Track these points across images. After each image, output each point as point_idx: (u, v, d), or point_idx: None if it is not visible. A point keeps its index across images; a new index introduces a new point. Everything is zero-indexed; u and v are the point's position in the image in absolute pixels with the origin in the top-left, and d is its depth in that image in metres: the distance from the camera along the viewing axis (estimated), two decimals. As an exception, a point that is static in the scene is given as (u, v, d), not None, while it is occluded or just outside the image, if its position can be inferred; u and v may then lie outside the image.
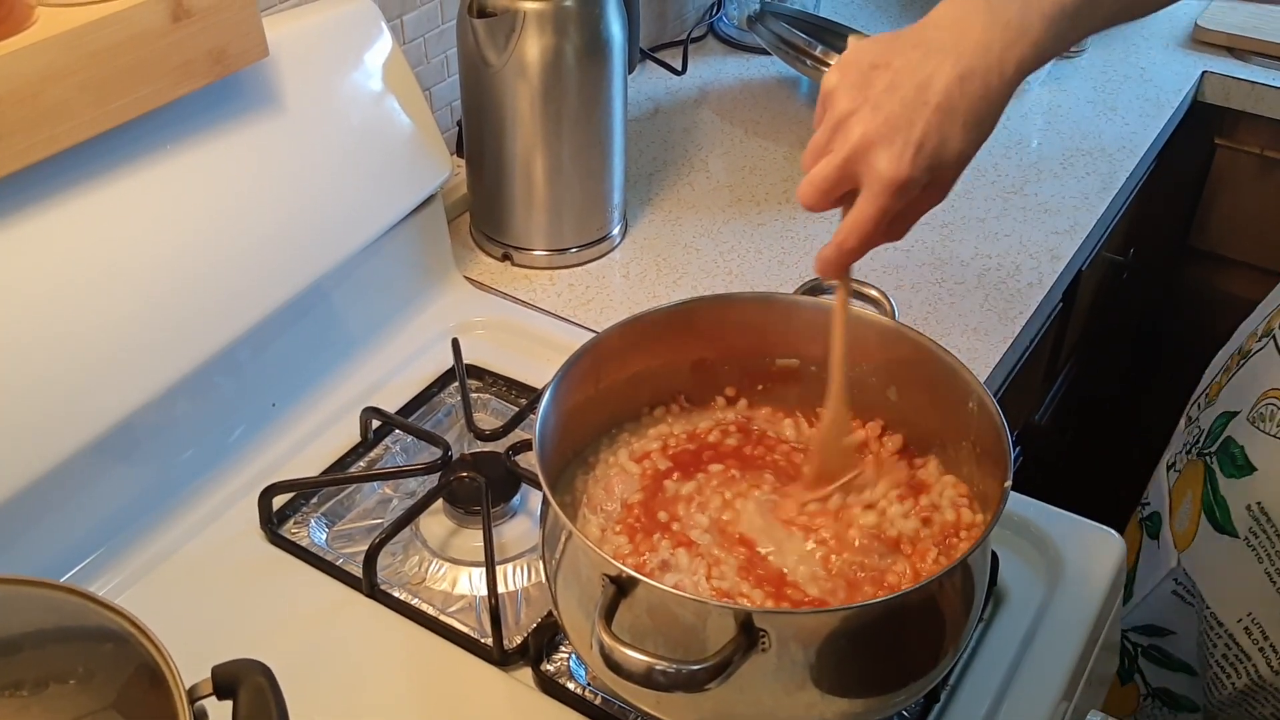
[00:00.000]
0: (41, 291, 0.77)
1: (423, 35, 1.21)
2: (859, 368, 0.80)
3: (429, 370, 1.01)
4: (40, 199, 0.78)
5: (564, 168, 1.11)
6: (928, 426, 0.79)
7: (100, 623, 0.58)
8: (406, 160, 1.03)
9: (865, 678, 0.66)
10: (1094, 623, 0.82)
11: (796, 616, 0.65)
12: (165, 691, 0.55)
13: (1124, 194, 1.34)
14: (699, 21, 1.62)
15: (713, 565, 0.71)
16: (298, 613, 0.81)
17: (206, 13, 0.81)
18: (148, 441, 0.85)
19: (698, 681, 0.58)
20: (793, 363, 0.82)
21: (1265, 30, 1.58)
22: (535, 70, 1.05)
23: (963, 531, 0.74)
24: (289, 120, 0.93)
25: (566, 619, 0.70)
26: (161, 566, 0.84)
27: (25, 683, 0.62)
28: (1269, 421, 0.86)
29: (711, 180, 1.30)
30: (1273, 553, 0.89)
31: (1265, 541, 0.90)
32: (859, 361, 0.80)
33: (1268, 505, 0.88)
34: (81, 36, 0.74)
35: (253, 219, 0.89)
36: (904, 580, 0.70)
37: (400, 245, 1.05)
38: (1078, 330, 1.51)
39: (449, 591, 0.84)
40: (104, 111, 0.77)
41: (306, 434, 0.95)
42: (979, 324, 1.09)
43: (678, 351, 0.81)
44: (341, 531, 0.89)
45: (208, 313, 0.86)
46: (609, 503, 0.77)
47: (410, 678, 0.77)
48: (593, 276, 1.15)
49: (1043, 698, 0.77)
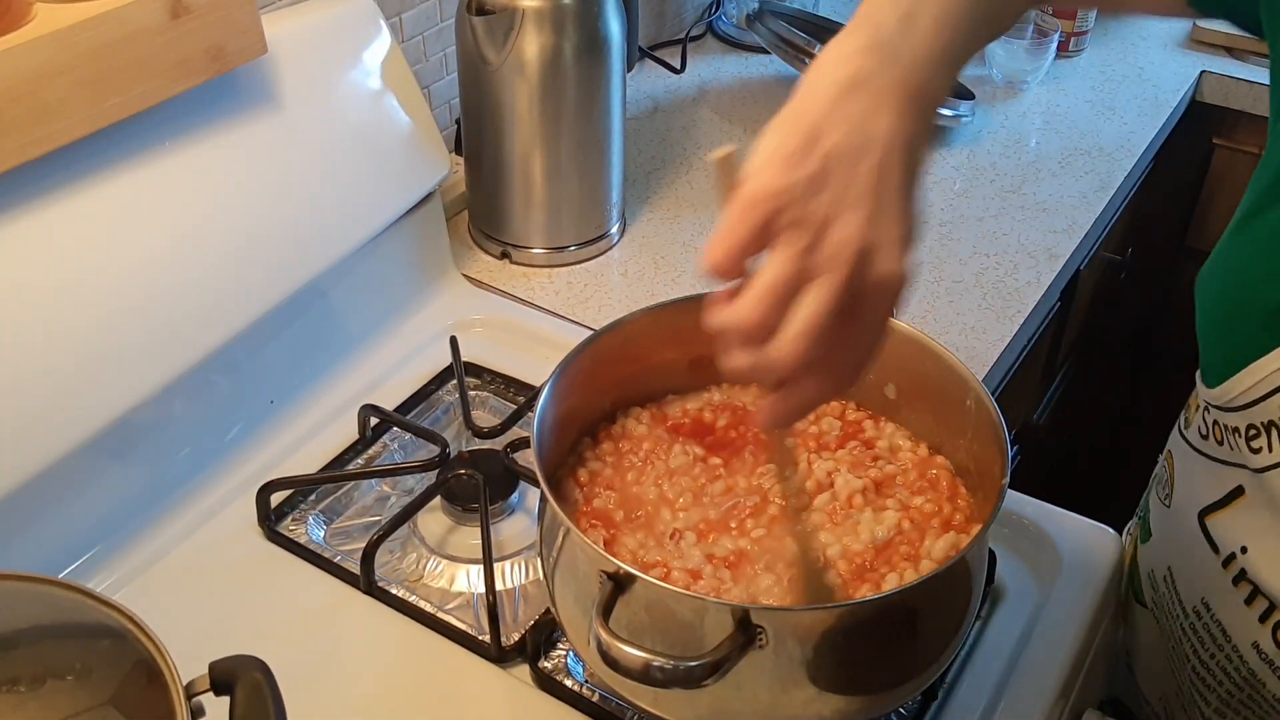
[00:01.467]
0: (38, 289, 0.77)
1: (421, 33, 1.21)
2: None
3: (427, 368, 1.01)
4: (37, 196, 0.78)
5: (562, 166, 1.11)
6: (925, 425, 0.79)
7: (98, 619, 0.58)
8: (405, 158, 1.03)
9: (863, 675, 0.66)
10: (1091, 621, 0.83)
11: (794, 613, 0.64)
12: (162, 687, 0.55)
13: (1122, 194, 1.35)
14: (698, 20, 1.62)
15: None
16: (295, 610, 0.81)
17: (204, 10, 0.81)
18: (145, 439, 0.85)
19: (695, 678, 0.58)
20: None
21: (1263, 30, 1.58)
22: (534, 68, 1.05)
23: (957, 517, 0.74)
24: (287, 118, 0.93)
25: (564, 616, 0.70)
26: (159, 563, 0.84)
27: (23, 679, 0.62)
28: (1161, 487, 0.82)
29: (710, 179, 1.30)
30: (1166, 629, 0.83)
31: (1160, 614, 0.84)
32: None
33: (1156, 574, 0.83)
34: (79, 33, 0.74)
35: (251, 216, 0.89)
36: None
37: (398, 243, 1.04)
38: (1075, 330, 1.51)
39: (447, 589, 0.84)
40: (101, 109, 0.77)
41: (304, 431, 0.95)
42: (977, 323, 1.09)
43: (676, 349, 0.81)
44: (339, 529, 0.89)
45: (205, 310, 0.86)
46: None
47: (408, 675, 0.77)
48: (591, 274, 1.15)
49: (1040, 696, 0.77)
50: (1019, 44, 1.48)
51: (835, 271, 0.51)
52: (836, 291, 0.52)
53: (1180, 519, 0.78)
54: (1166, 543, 0.82)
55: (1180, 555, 0.80)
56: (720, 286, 0.55)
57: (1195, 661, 0.80)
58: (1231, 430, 0.71)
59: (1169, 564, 0.82)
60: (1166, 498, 0.82)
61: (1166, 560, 0.82)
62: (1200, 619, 0.78)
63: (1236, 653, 0.76)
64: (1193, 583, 0.78)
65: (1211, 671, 0.78)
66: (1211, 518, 0.75)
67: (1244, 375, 0.68)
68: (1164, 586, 0.82)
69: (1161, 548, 0.83)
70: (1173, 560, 0.81)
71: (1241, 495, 0.72)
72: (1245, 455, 0.70)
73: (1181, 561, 0.80)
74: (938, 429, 0.78)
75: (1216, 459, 0.74)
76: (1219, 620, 0.76)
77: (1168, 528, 0.82)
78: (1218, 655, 0.77)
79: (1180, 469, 0.80)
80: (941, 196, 1.28)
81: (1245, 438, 0.69)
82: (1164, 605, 0.83)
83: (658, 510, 0.74)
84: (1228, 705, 0.79)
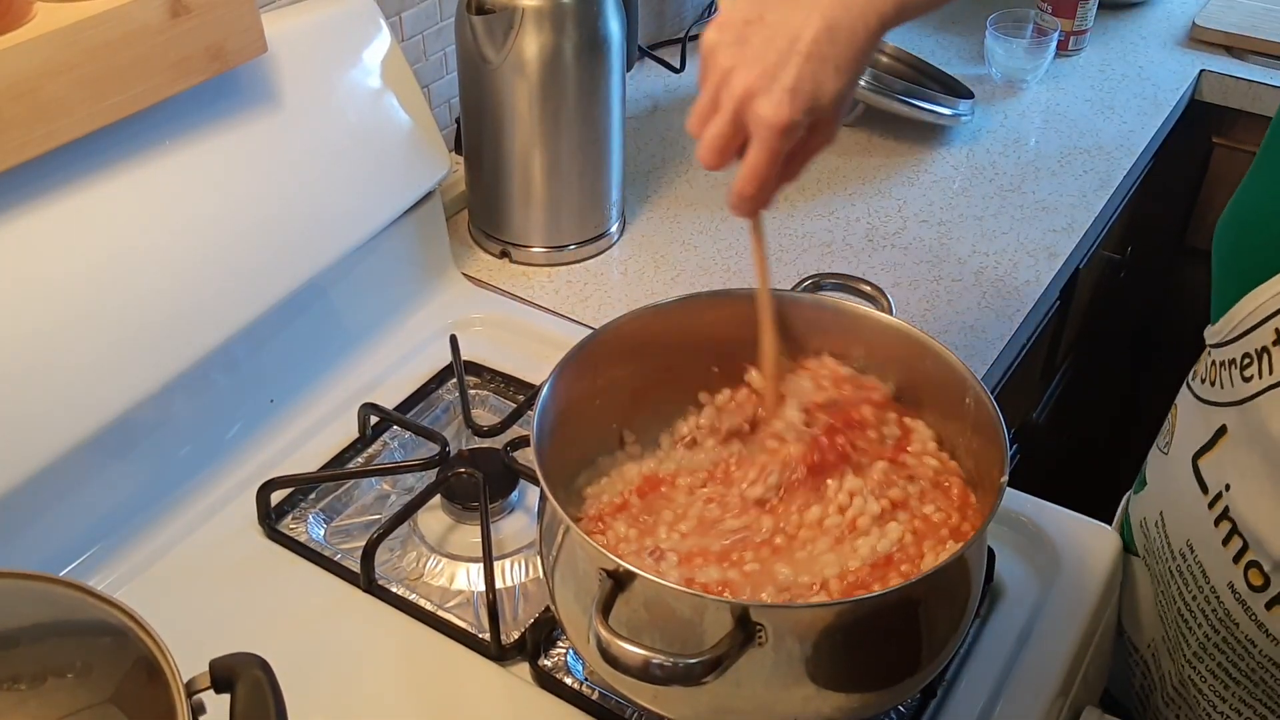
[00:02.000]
0: (39, 288, 0.77)
1: (421, 32, 1.22)
2: (857, 363, 0.80)
3: (427, 367, 1.01)
4: (37, 195, 0.78)
5: (562, 165, 1.11)
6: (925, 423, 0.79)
7: (98, 617, 0.58)
8: (405, 157, 1.03)
9: (862, 672, 0.66)
10: (1090, 618, 0.83)
11: (793, 611, 0.64)
12: (163, 685, 0.55)
13: (1121, 192, 1.35)
14: (698, 19, 1.62)
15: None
16: (295, 608, 0.81)
17: (205, 9, 0.81)
18: (146, 437, 0.85)
19: (694, 675, 0.58)
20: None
21: (1263, 29, 1.58)
22: (534, 67, 1.05)
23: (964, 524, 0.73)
24: (287, 117, 0.93)
25: (564, 614, 0.70)
26: (160, 562, 0.84)
27: (23, 677, 0.62)
28: (1162, 437, 0.86)
29: (709, 178, 1.30)
30: (1156, 573, 0.86)
31: (1151, 560, 0.87)
32: (857, 357, 0.80)
33: (1148, 521, 0.86)
34: (79, 32, 0.74)
35: (250, 215, 0.90)
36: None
37: (398, 242, 1.05)
38: (1075, 329, 1.51)
39: (446, 587, 0.84)
40: (101, 107, 0.77)
41: (304, 430, 0.95)
42: (976, 321, 1.09)
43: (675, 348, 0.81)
44: (339, 527, 0.89)
45: (205, 309, 0.86)
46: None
47: (408, 673, 0.77)
48: (591, 273, 1.15)
49: (1039, 693, 0.78)
50: (1018, 43, 1.48)
51: (724, 109, 0.67)
52: (727, 123, 0.67)
53: (1175, 466, 0.82)
54: (1160, 489, 0.86)
55: (1173, 500, 0.83)
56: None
57: (1180, 604, 0.82)
58: (1226, 364, 0.74)
59: (1160, 509, 0.85)
60: (1166, 445, 0.84)
61: (1159, 506, 0.85)
62: (1185, 560, 0.81)
63: (1215, 594, 0.78)
64: (1181, 524, 0.82)
65: (1193, 613, 0.81)
66: (1203, 459, 0.78)
67: (1244, 302, 0.71)
68: (1155, 531, 0.85)
69: (1155, 495, 0.86)
70: (1165, 505, 0.84)
71: (1225, 434, 0.75)
72: (1237, 389, 0.73)
73: (1173, 507, 0.83)
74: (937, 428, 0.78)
75: (1209, 401, 0.77)
76: (1200, 561, 0.79)
77: (1163, 475, 0.85)
78: (1198, 596, 0.80)
79: (1181, 416, 0.83)
80: (941, 195, 1.28)
81: (1240, 368, 0.72)
82: (1155, 550, 0.85)
83: (654, 528, 0.74)
84: (1204, 649, 0.81)
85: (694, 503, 0.75)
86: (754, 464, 0.75)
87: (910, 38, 1.62)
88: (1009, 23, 1.51)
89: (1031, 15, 1.53)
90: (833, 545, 0.71)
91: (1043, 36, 1.49)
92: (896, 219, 1.24)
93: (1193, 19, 1.63)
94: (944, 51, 1.60)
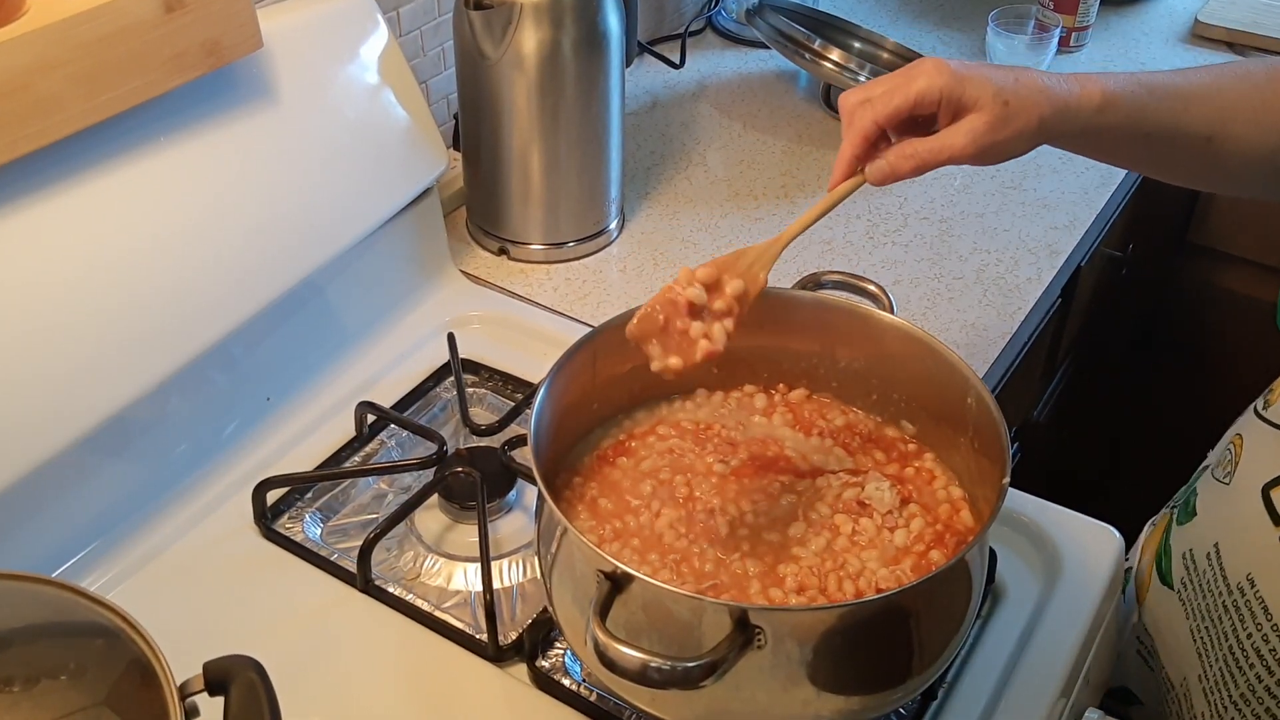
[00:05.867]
0: (33, 285, 0.77)
1: (419, 27, 1.21)
2: (857, 361, 0.80)
3: (424, 365, 1.01)
4: (31, 192, 0.77)
5: (561, 161, 1.11)
6: (925, 422, 0.79)
7: (92, 618, 0.58)
8: (402, 153, 1.02)
9: (862, 675, 0.65)
10: (1092, 619, 0.82)
11: (792, 613, 0.64)
12: (156, 688, 0.55)
13: (1123, 189, 1.34)
14: (697, 15, 1.61)
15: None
16: (291, 608, 0.81)
17: (200, 4, 0.80)
18: (141, 436, 0.85)
19: (692, 679, 0.57)
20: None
21: (1264, 25, 1.58)
22: (532, 63, 1.05)
23: (961, 528, 0.73)
24: (283, 113, 0.92)
25: (561, 615, 0.70)
26: (154, 562, 0.83)
27: (16, 679, 0.62)
28: (1221, 468, 0.84)
29: (709, 174, 1.30)
30: (1198, 608, 0.84)
31: (1191, 594, 0.85)
32: (857, 355, 0.80)
33: (1196, 552, 0.85)
34: (73, 27, 0.74)
35: (247, 212, 0.89)
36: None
37: (396, 239, 1.04)
38: (1076, 326, 1.50)
39: (444, 587, 0.83)
40: (95, 104, 0.77)
41: (301, 429, 0.94)
42: (977, 320, 1.09)
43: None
44: (336, 527, 0.89)
45: (201, 307, 0.86)
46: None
47: (404, 674, 0.77)
48: (589, 271, 1.15)
49: (1040, 695, 0.77)
50: (1020, 40, 1.48)
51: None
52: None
53: (1240, 496, 0.80)
54: (1217, 520, 0.84)
55: (1233, 531, 0.81)
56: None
57: (1232, 640, 0.81)
58: None
59: (1216, 540, 0.83)
60: (1227, 476, 0.83)
61: (1214, 537, 0.83)
62: (1244, 595, 0.79)
63: (1276, 631, 0.77)
64: (1242, 557, 0.80)
65: (1246, 652, 0.79)
66: (1277, 490, 0.77)
67: None
68: (1206, 563, 0.83)
69: (1209, 526, 0.85)
70: (1222, 537, 0.82)
71: None
72: None
73: (1233, 537, 0.81)
74: (938, 427, 0.78)
75: None
76: (1261, 595, 0.78)
77: (1221, 505, 0.83)
78: (1254, 635, 0.78)
79: (1250, 445, 0.82)
80: (942, 192, 1.28)
81: None
82: (1204, 584, 0.84)
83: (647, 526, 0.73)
84: (1253, 691, 0.79)
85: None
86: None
87: (912, 34, 1.61)
88: (1010, 19, 1.51)
89: (1033, 11, 1.52)
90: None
91: (1044, 33, 1.48)
92: (897, 216, 1.23)
93: (1195, 15, 1.62)
94: (945, 48, 1.60)
